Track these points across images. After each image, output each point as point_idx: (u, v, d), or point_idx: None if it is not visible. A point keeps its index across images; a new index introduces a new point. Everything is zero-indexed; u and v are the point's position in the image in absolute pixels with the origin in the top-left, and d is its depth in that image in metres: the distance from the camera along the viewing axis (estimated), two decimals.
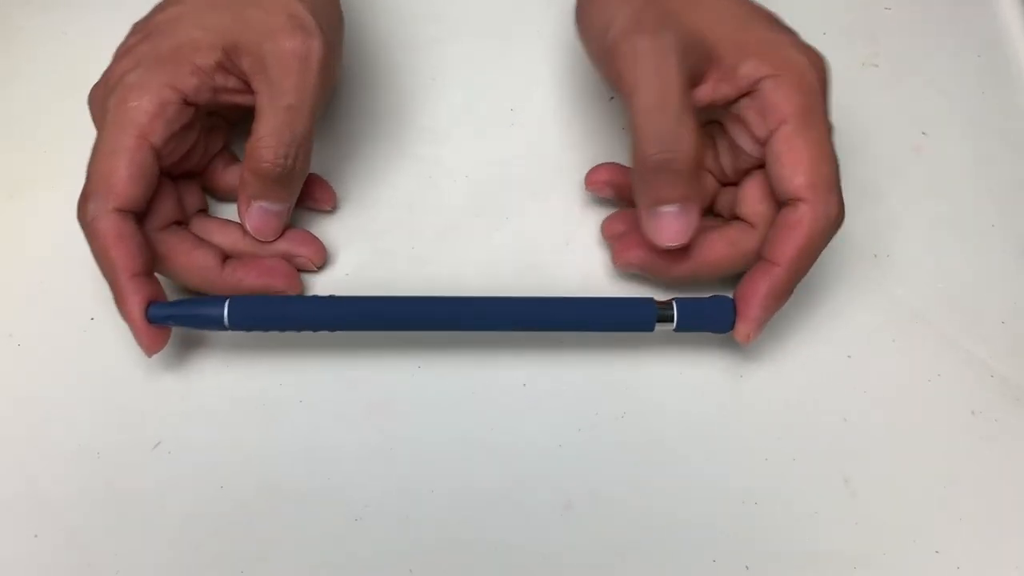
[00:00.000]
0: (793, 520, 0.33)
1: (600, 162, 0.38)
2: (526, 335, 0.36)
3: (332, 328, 0.33)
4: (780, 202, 0.32)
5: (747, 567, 0.32)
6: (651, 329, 0.33)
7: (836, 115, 0.41)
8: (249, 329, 0.33)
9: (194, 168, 0.36)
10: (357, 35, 0.43)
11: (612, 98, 0.41)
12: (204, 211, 0.37)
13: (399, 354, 0.35)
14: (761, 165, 0.34)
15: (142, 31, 0.34)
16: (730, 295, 0.34)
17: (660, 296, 0.34)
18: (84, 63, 0.34)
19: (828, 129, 0.32)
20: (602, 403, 0.35)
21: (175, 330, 0.35)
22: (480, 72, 0.42)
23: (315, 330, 0.33)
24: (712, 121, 0.35)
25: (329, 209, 0.38)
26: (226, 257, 0.35)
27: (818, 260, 0.38)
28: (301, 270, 0.36)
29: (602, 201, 0.39)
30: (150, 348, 0.32)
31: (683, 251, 0.34)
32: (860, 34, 0.44)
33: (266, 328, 0.33)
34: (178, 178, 0.35)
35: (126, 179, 0.31)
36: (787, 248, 0.31)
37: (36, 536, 0.32)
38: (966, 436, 0.35)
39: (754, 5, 0.34)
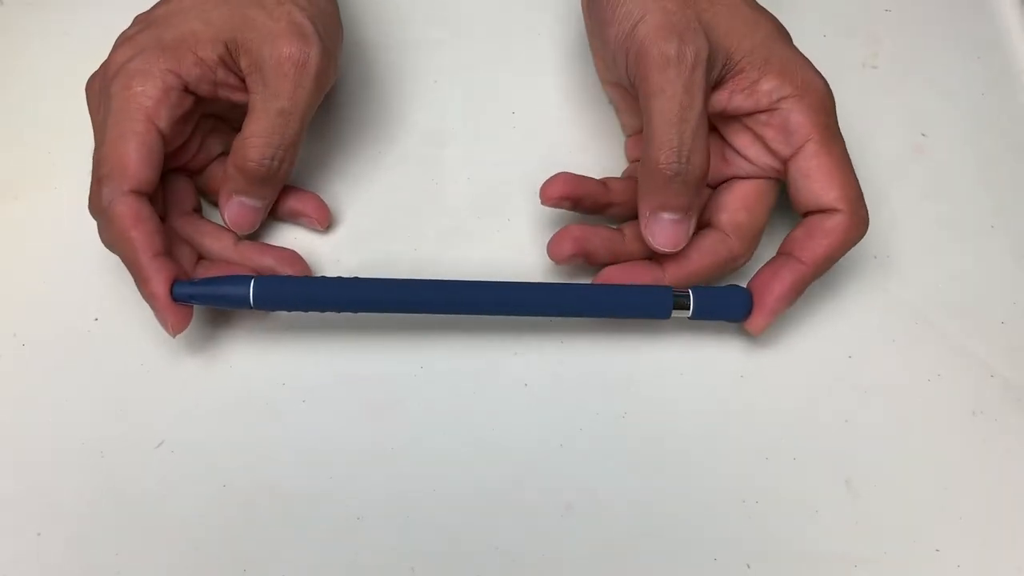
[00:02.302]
0: (794, 519, 0.33)
1: (597, 164, 0.38)
2: (532, 326, 0.36)
3: (355, 309, 0.33)
4: (806, 212, 0.34)
5: (748, 566, 0.32)
6: (667, 316, 0.34)
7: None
8: (273, 308, 0.33)
9: (189, 165, 0.36)
10: (359, 37, 0.43)
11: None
12: (198, 211, 0.37)
13: (401, 354, 0.35)
14: (745, 178, 0.35)
15: (144, 22, 0.34)
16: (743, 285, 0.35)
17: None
18: (85, 63, 0.35)
19: (845, 148, 0.34)
20: (603, 403, 0.35)
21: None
22: (482, 75, 0.42)
23: (339, 311, 0.33)
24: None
25: (322, 230, 0.38)
26: (199, 260, 0.35)
27: None
28: None
29: None
30: (176, 327, 0.32)
31: (658, 268, 0.35)
32: (860, 35, 0.44)
33: (290, 308, 0.33)
34: (165, 173, 0.35)
35: (138, 162, 0.32)
36: (819, 249, 0.33)
37: (39, 535, 0.32)
38: (967, 436, 0.35)
39: (771, 17, 0.35)
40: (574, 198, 0.35)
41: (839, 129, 0.34)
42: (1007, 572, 0.33)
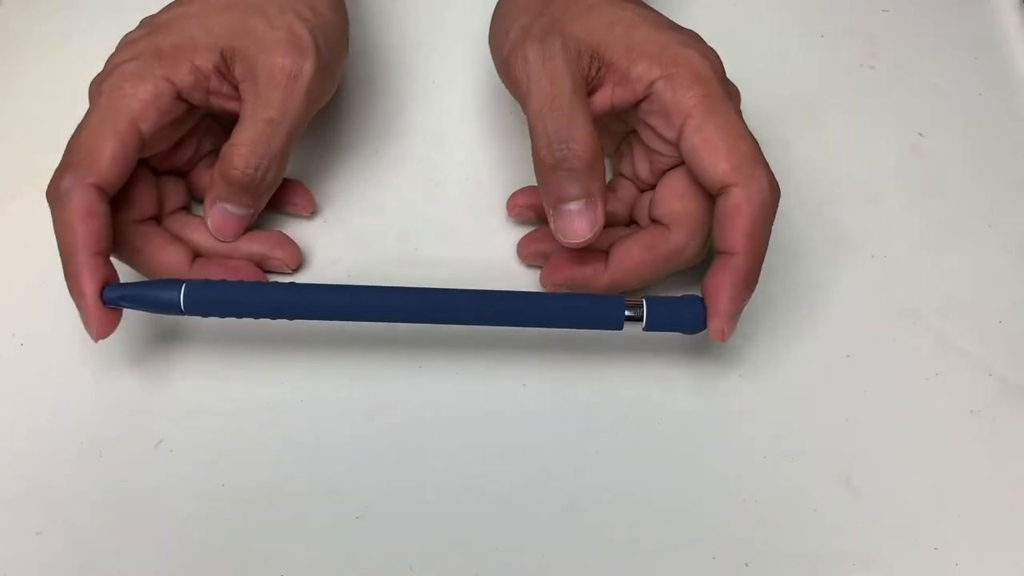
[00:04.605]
0: (793, 518, 0.33)
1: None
2: (523, 334, 0.36)
3: (291, 316, 0.32)
4: (713, 194, 0.32)
5: (746, 564, 0.32)
6: (620, 327, 0.32)
7: (833, 116, 0.42)
8: (205, 314, 0.32)
9: (181, 166, 0.37)
10: (359, 38, 0.43)
11: None
12: (186, 208, 0.37)
13: (401, 354, 0.35)
14: (675, 166, 0.34)
15: (148, 26, 0.35)
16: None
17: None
18: (84, 64, 0.35)
19: (736, 112, 0.32)
20: (602, 403, 0.35)
21: (179, 327, 0.35)
22: (480, 75, 0.42)
23: (274, 318, 0.32)
24: (631, 131, 0.35)
25: (307, 215, 0.38)
26: (196, 256, 0.35)
27: (817, 260, 0.38)
28: (275, 272, 0.37)
29: None
30: (100, 331, 0.31)
31: (602, 261, 0.34)
32: (858, 36, 0.44)
33: (223, 314, 0.32)
34: (161, 174, 0.36)
35: (110, 158, 0.31)
36: (736, 235, 0.31)
37: (38, 534, 0.32)
38: (965, 435, 0.35)
39: (645, 9, 0.34)
40: (537, 208, 0.37)
41: (725, 96, 0.32)
42: (1005, 570, 0.33)
